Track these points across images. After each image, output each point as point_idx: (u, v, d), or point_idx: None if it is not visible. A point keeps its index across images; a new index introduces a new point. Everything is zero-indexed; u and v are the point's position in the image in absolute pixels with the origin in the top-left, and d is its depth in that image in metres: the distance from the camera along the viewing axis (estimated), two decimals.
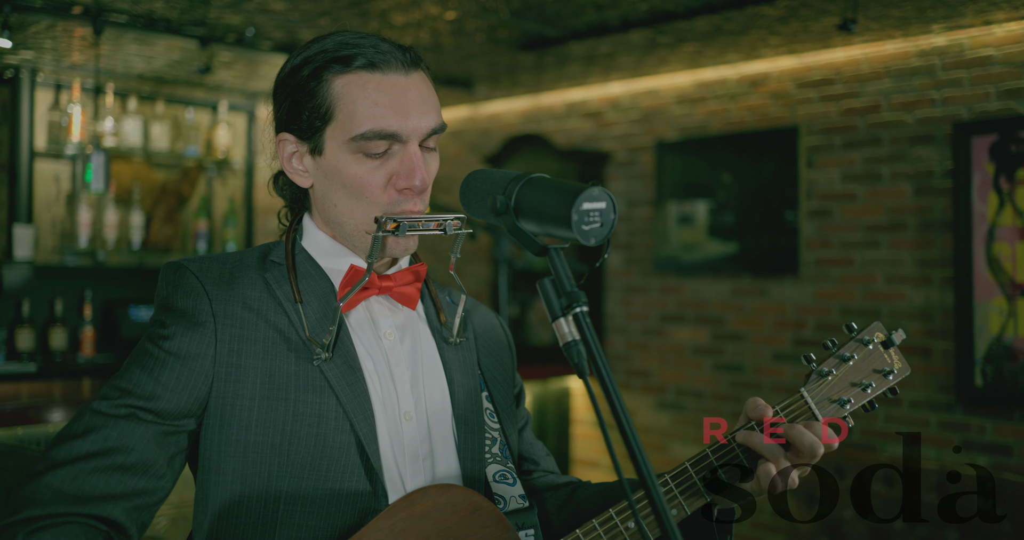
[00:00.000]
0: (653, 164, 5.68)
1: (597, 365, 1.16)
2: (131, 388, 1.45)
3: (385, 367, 1.57)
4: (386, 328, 1.60)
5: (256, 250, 1.63)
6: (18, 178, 5.55)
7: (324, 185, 1.56)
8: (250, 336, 1.50)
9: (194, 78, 5.81)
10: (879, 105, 4.74)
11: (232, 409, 1.47)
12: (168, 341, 1.48)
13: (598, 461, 5.89)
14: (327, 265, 1.61)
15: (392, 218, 1.50)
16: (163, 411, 1.45)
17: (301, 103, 1.53)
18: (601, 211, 1.19)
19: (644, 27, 4.48)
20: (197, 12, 4.41)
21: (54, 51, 5.15)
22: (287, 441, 1.46)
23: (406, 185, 1.51)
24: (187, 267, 1.54)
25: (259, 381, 1.48)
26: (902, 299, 4.64)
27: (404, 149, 1.52)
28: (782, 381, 5.06)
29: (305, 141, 1.55)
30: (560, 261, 1.22)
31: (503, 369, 1.78)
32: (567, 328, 1.19)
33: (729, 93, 5.34)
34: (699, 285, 5.46)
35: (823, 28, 4.42)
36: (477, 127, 6.73)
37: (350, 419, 1.49)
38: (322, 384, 1.50)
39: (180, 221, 6.37)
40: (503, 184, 1.30)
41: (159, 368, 1.46)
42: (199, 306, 1.50)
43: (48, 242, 5.83)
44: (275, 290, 1.55)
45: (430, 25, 4.56)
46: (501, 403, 1.73)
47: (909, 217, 4.62)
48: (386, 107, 1.49)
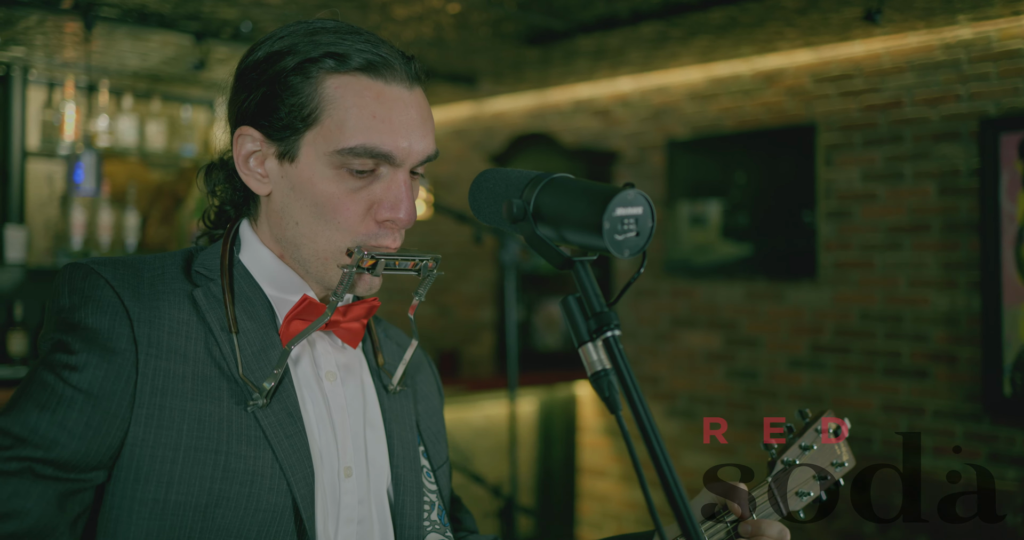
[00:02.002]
0: (664, 163, 5.51)
1: (632, 400, 0.99)
2: (26, 434, 1.14)
3: (325, 414, 1.34)
4: (327, 367, 1.37)
5: (176, 256, 1.36)
6: (10, 178, 5.41)
7: (287, 198, 1.32)
8: (178, 371, 1.24)
9: (190, 75, 5.66)
10: (901, 101, 4.56)
11: (152, 461, 1.20)
12: (76, 373, 1.18)
13: (606, 470, 5.72)
14: (272, 291, 1.36)
15: (371, 254, 1.28)
16: (67, 463, 1.16)
17: (278, 97, 1.28)
18: (637, 218, 1.01)
19: (655, 19, 4.33)
20: (190, 6, 4.26)
21: (46, 47, 5.01)
22: (214, 502, 1.21)
23: (389, 217, 1.29)
24: (98, 273, 1.24)
25: (186, 428, 1.22)
26: (925, 304, 4.46)
27: (393, 174, 1.30)
28: (799, 389, 4.88)
29: (274, 142, 1.30)
30: (587, 276, 1.04)
31: (436, 418, 1.56)
32: (596, 355, 1.01)
33: (743, 89, 5.17)
34: (712, 288, 5.28)
35: (843, 20, 4.24)
36: (481, 125, 6.56)
37: (287, 478, 1.25)
38: (257, 434, 1.25)
39: (176, 222, 6.22)
40: (520, 186, 1.12)
41: (64, 408, 1.16)
42: (117, 328, 1.21)
43: (41, 244, 5.69)
44: (206, 313, 1.29)
45: (433, 18, 4.41)
46: (437, 459, 1.51)
47: (933, 218, 4.44)
48: (384, 122, 1.27)
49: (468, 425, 5.11)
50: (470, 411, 5.12)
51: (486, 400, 5.18)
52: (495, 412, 5.18)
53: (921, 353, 4.47)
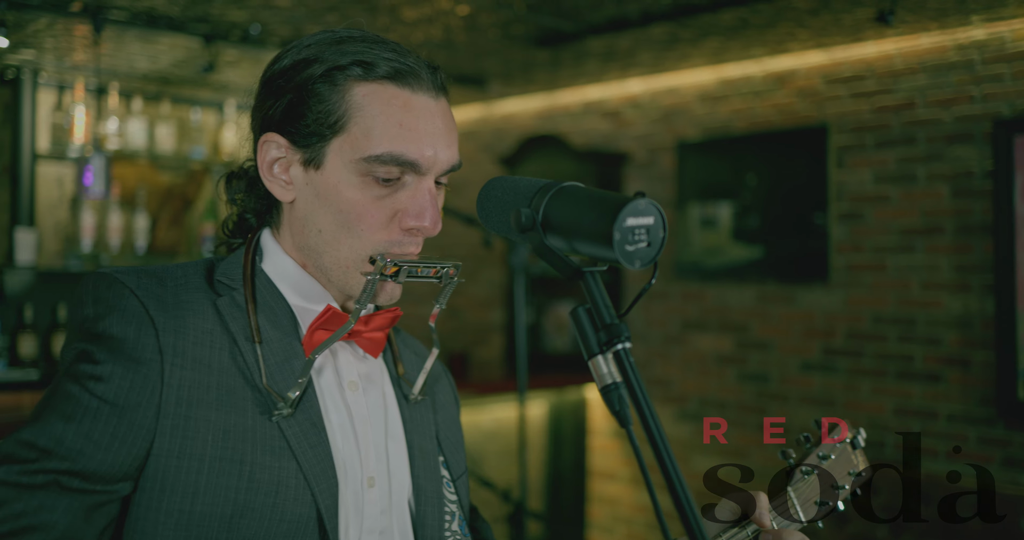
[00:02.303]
0: (674, 165, 5.48)
1: (644, 415, 0.97)
2: (52, 446, 1.14)
3: (348, 423, 1.34)
4: (350, 377, 1.37)
5: (199, 265, 1.35)
6: (20, 181, 5.41)
7: (311, 205, 1.32)
8: (203, 381, 1.23)
9: (199, 78, 5.66)
10: (914, 102, 4.53)
11: (177, 471, 1.18)
12: (101, 384, 1.17)
13: (616, 473, 5.69)
14: (295, 300, 1.36)
15: (394, 261, 1.28)
16: (93, 475, 1.15)
17: (305, 104, 1.29)
18: (648, 228, 0.99)
19: (666, 21, 4.30)
20: (199, 8, 4.25)
21: (55, 50, 5.01)
22: (239, 513, 1.20)
23: (415, 224, 1.29)
24: (123, 282, 1.23)
25: (211, 438, 1.21)
26: (939, 307, 4.42)
27: (418, 183, 1.30)
28: (810, 392, 4.85)
29: (300, 149, 1.30)
30: (597, 287, 1.02)
31: (454, 428, 1.56)
32: (606, 368, 0.99)
33: (754, 90, 5.14)
34: (722, 291, 5.25)
35: (855, 21, 4.21)
36: (490, 127, 6.54)
37: (312, 488, 1.24)
38: (281, 445, 1.24)
39: (186, 225, 6.21)
40: (529, 195, 1.10)
41: (89, 419, 1.16)
42: (143, 337, 1.20)
43: (51, 246, 5.69)
44: (229, 323, 1.28)
45: (442, 20, 4.39)
46: (456, 469, 1.51)
47: (946, 220, 4.40)
48: (410, 131, 1.28)
49: (477, 428, 5.09)
50: (479, 414, 5.10)
51: (495, 403, 5.16)
52: (504, 415, 5.16)
53: (934, 357, 4.43)
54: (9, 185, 5.45)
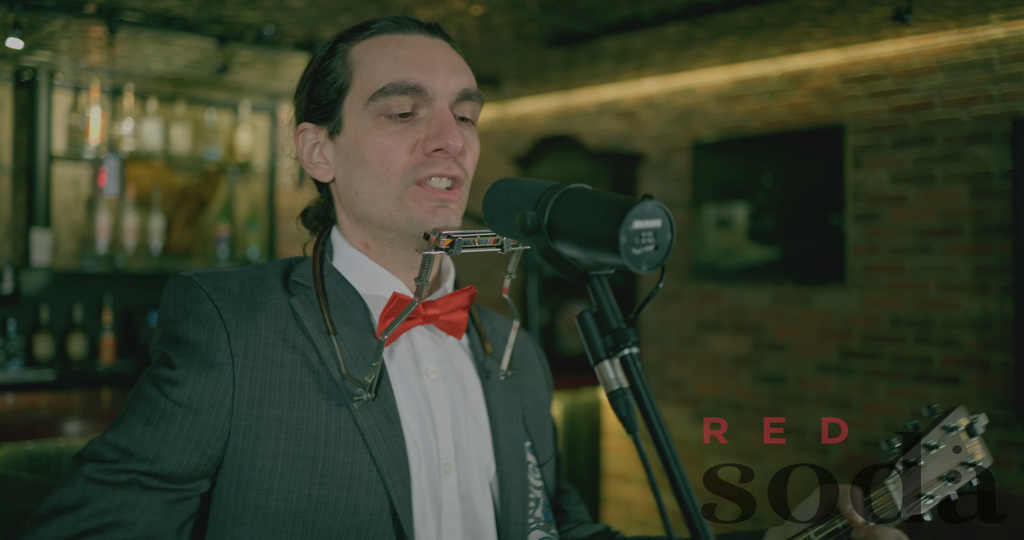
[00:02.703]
0: (689, 165, 5.45)
1: (650, 420, 0.95)
2: (132, 448, 1.20)
3: (426, 410, 1.35)
4: (428, 363, 1.38)
5: (277, 266, 1.39)
6: (36, 182, 5.43)
7: (346, 172, 1.35)
8: (275, 380, 1.27)
9: (214, 79, 5.67)
10: (932, 102, 4.48)
11: (251, 470, 1.23)
12: (176, 388, 1.23)
13: (631, 475, 5.67)
14: (364, 290, 1.38)
15: (446, 234, 1.28)
16: (171, 475, 1.21)
17: (318, 82, 1.36)
18: (655, 231, 0.97)
19: (681, 20, 4.27)
20: (213, 9, 4.25)
21: (71, 52, 5.02)
22: (312, 507, 1.24)
23: (437, 145, 1.29)
24: (200, 286, 1.29)
25: (283, 436, 1.25)
26: (957, 308, 4.37)
27: (432, 110, 1.32)
28: (827, 394, 4.81)
29: (324, 125, 1.36)
30: (604, 291, 1.00)
31: (543, 413, 1.56)
32: (612, 373, 0.97)
33: (770, 90, 5.10)
34: (738, 292, 5.22)
35: (872, 20, 4.17)
36: (505, 127, 6.53)
37: (384, 480, 1.27)
38: (355, 438, 1.27)
39: (201, 225, 6.23)
40: (535, 197, 1.08)
41: (166, 422, 1.22)
42: (214, 341, 1.25)
43: (67, 247, 5.71)
44: (303, 320, 1.31)
45: (455, 20, 4.38)
46: (543, 455, 1.50)
47: (965, 221, 4.36)
48: (408, 61, 1.32)
49: None
50: None
51: None
52: None
53: (952, 359, 4.39)
54: (25, 186, 5.47)
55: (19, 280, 5.38)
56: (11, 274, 5.32)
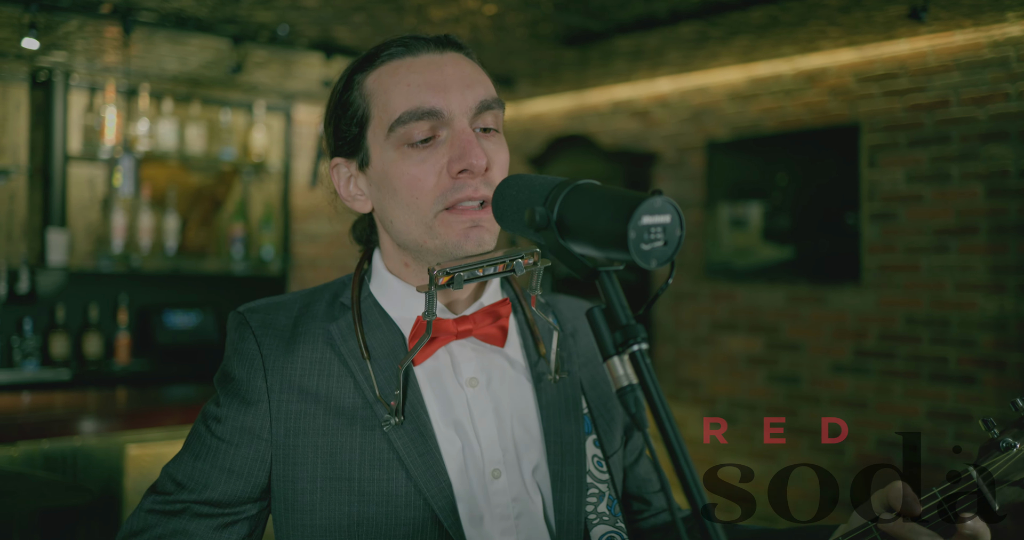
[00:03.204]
0: (703, 165, 5.44)
1: (659, 417, 0.94)
2: (184, 481, 1.36)
3: (468, 420, 1.38)
4: (469, 374, 1.40)
5: (330, 288, 1.47)
6: (52, 182, 5.45)
7: (379, 202, 1.37)
8: (308, 411, 1.36)
9: (229, 79, 5.69)
10: (947, 100, 4.46)
11: (294, 493, 1.35)
12: (219, 424, 1.37)
13: None
14: (396, 314, 1.42)
15: (445, 270, 1.28)
16: (218, 501, 1.35)
17: (341, 117, 1.38)
18: (664, 226, 0.96)
19: (695, 19, 4.26)
20: (227, 10, 4.27)
21: (86, 52, 5.04)
22: (355, 523, 1.32)
23: (461, 167, 1.29)
24: (249, 324, 1.40)
25: (320, 461, 1.34)
26: (973, 308, 4.35)
27: (452, 131, 1.31)
28: (842, 394, 4.79)
29: (353, 158, 1.38)
30: (614, 287, 1.00)
31: (611, 404, 1.54)
32: (622, 369, 0.96)
33: (784, 89, 5.08)
34: (752, 292, 5.20)
35: (887, 18, 4.15)
36: (519, 127, 6.52)
37: (423, 494, 1.32)
38: (390, 457, 1.34)
39: (216, 225, 6.24)
40: (544, 193, 1.07)
41: (211, 456, 1.36)
42: (253, 380, 1.37)
43: (83, 247, 5.74)
44: (339, 346, 1.38)
45: (469, 20, 4.38)
46: (610, 446, 1.49)
47: (981, 220, 4.33)
48: (420, 85, 1.31)
49: None
50: None
51: None
52: None
53: (968, 358, 4.36)
54: (41, 186, 5.49)
55: (35, 280, 5.41)
56: (27, 274, 5.35)
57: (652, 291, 5.65)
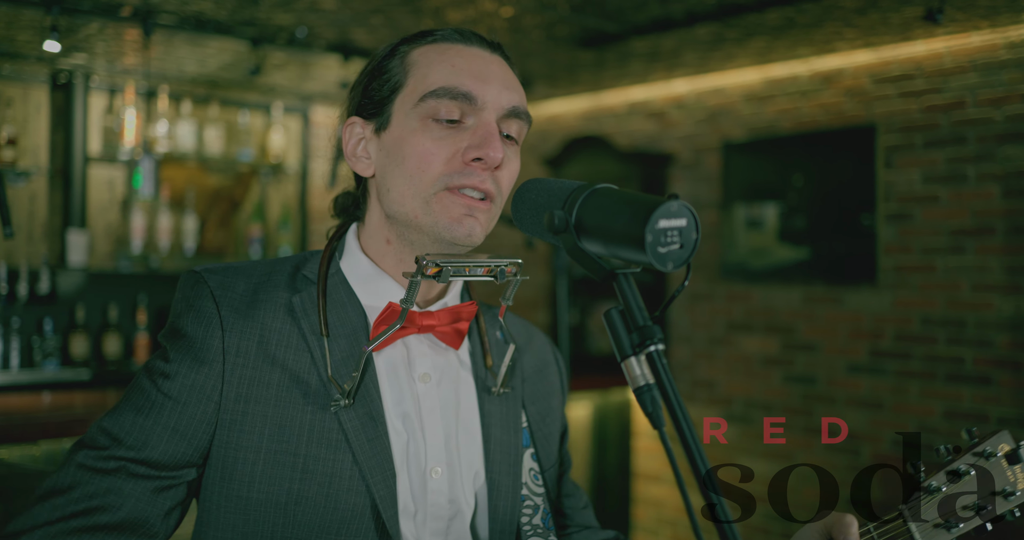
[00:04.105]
0: (719, 165, 5.45)
1: (676, 416, 0.96)
2: (122, 436, 1.27)
3: (415, 415, 1.37)
4: (422, 369, 1.39)
5: (291, 261, 1.43)
6: (72, 183, 5.50)
7: (384, 168, 1.36)
8: (262, 378, 1.31)
9: (247, 80, 5.72)
10: (964, 101, 4.45)
11: (234, 461, 1.29)
12: (168, 381, 1.29)
13: (660, 475, 5.67)
14: (367, 299, 1.40)
15: (434, 262, 1.28)
16: (158, 462, 1.27)
17: (374, 79, 1.38)
18: (681, 230, 0.98)
19: (711, 21, 4.27)
20: (246, 12, 4.30)
21: (106, 54, 5.09)
22: (293, 500, 1.28)
23: (477, 155, 1.30)
24: (207, 282, 1.34)
25: (267, 432, 1.29)
26: (989, 309, 4.34)
27: (479, 120, 1.33)
28: (858, 394, 4.79)
29: (372, 120, 1.38)
30: (631, 289, 1.02)
31: (552, 418, 1.56)
32: (639, 369, 0.99)
33: (800, 90, 5.08)
34: (768, 292, 5.20)
35: (903, 19, 4.15)
36: (535, 128, 6.54)
37: (366, 480, 1.29)
38: (338, 437, 1.30)
39: (234, 226, 6.29)
40: (562, 196, 1.09)
41: (155, 412, 1.28)
42: (208, 339, 1.30)
43: (102, 248, 5.79)
44: (300, 319, 1.35)
45: (486, 22, 4.40)
46: (547, 461, 1.51)
47: (997, 221, 4.32)
48: (464, 70, 1.33)
49: None
50: None
51: None
52: None
53: (985, 359, 4.35)
54: (62, 187, 5.54)
55: (55, 280, 5.46)
56: (48, 274, 5.40)
57: (668, 292, 5.66)
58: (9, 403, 4.22)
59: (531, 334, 1.61)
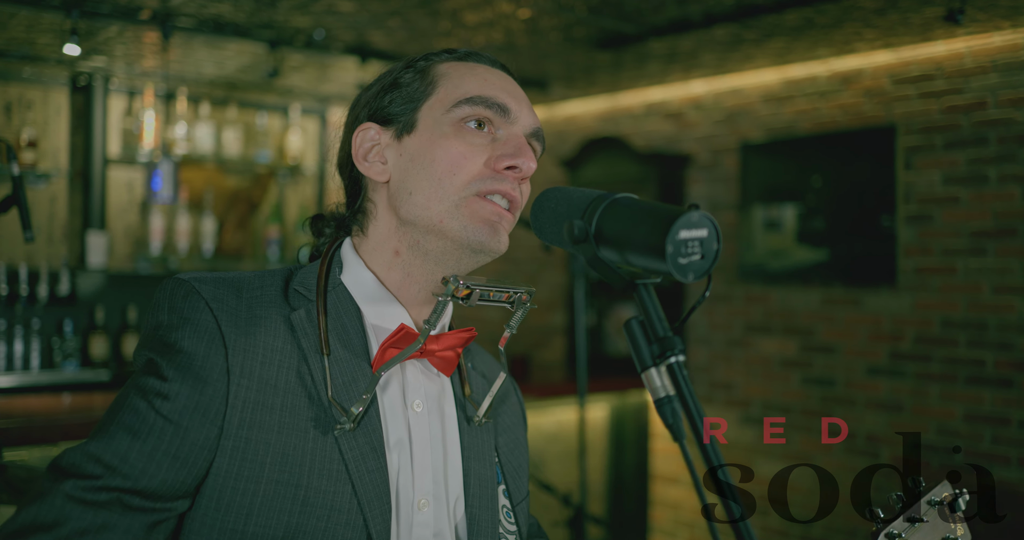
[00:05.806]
0: (737, 166, 5.42)
1: (697, 428, 0.96)
2: (115, 463, 1.14)
3: (407, 444, 1.31)
4: (415, 397, 1.33)
5: (276, 276, 1.34)
6: (92, 185, 5.53)
7: (406, 172, 1.31)
8: (267, 402, 1.21)
9: (265, 83, 5.74)
10: (985, 102, 4.42)
11: (233, 492, 1.19)
12: (167, 402, 1.18)
13: (678, 477, 5.65)
14: (372, 318, 1.33)
15: (466, 284, 1.25)
16: (154, 493, 1.16)
17: (396, 87, 1.36)
18: (702, 240, 0.98)
19: (729, 22, 4.25)
20: (264, 15, 4.31)
21: (126, 57, 5.12)
22: (290, 535, 1.19)
23: (511, 163, 1.29)
24: (199, 292, 1.23)
25: (269, 461, 1.20)
26: (1011, 311, 4.31)
27: (510, 132, 1.33)
28: (877, 396, 4.76)
29: (392, 126, 1.34)
30: (651, 299, 1.01)
31: (518, 451, 1.51)
32: (659, 381, 0.98)
33: (819, 91, 5.06)
34: (787, 294, 5.18)
35: (923, 19, 4.12)
36: (553, 129, 6.53)
37: (364, 513, 1.22)
38: (339, 468, 1.23)
39: (252, 227, 6.31)
40: (582, 206, 1.09)
41: (154, 437, 1.16)
42: (211, 356, 1.20)
43: (122, 249, 5.82)
44: (301, 339, 1.26)
45: (503, 24, 4.39)
46: (517, 495, 1.46)
47: (1019, 222, 4.29)
48: (496, 85, 1.35)
49: (538, 431, 5.09)
50: (540, 417, 5.10)
51: (557, 405, 5.15)
52: (566, 418, 5.15)
53: (1006, 362, 4.32)
54: (81, 189, 5.58)
55: (75, 282, 5.49)
56: (68, 276, 5.44)
57: (686, 295, 5.64)
58: (29, 404, 4.24)
59: (492, 362, 1.57)
